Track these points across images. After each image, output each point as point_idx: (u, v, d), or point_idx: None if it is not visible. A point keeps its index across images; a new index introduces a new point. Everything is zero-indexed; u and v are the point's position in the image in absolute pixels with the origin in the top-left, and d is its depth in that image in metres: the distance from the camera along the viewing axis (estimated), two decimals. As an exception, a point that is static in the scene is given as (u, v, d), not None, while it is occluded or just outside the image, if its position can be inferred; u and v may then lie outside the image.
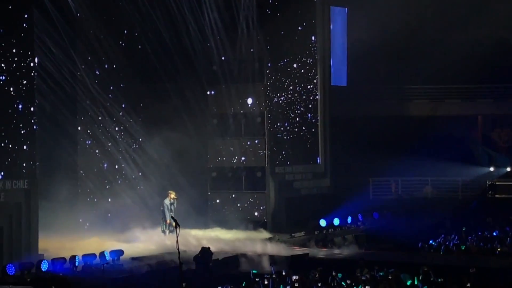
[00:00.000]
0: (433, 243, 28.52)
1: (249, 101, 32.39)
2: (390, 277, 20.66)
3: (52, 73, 27.77)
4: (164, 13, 30.79)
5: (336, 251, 27.92)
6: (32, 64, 24.37)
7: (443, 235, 29.50)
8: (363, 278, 20.52)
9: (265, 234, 29.87)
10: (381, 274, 21.35)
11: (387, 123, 37.79)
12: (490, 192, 37.37)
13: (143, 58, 30.88)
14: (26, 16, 24.16)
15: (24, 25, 24.12)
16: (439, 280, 20.27)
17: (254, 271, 23.66)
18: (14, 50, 23.74)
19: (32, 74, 24.43)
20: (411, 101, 40.14)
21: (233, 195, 32.66)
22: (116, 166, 30.63)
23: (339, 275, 21.11)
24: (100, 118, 29.93)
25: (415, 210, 34.37)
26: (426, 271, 21.08)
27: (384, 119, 38.12)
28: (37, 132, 24.69)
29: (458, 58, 37.17)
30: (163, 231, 28.16)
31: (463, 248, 27.62)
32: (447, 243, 28.43)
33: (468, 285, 19.38)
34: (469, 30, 38.01)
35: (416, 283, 20.20)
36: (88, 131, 29.88)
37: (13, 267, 22.08)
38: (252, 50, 32.20)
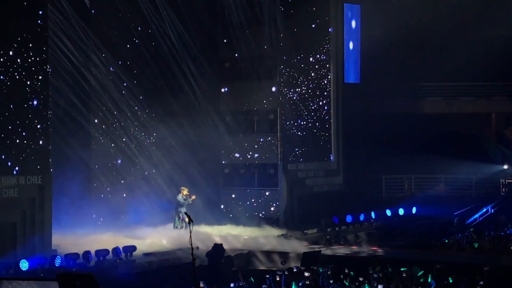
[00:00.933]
0: (446, 241, 28.46)
1: (260, 99, 32.38)
2: (404, 275, 20.65)
3: (66, 69, 27.85)
4: (177, 9, 30.82)
5: (349, 248, 27.88)
6: (46, 60, 24.46)
7: (458, 234, 29.44)
8: (375, 275, 20.49)
9: (277, 231, 29.87)
10: (389, 270, 21.34)
11: (400, 120, 37.72)
12: (503, 190, 37.27)
13: (157, 55, 30.92)
14: (40, 12, 24.28)
15: (39, 21, 24.23)
16: (450, 278, 20.22)
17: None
18: (29, 46, 23.86)
19: (47, 70, 24.53)
20: (425, 98, 40.05)
21: (246, 192, 32.68)
22: (130, 162, 30.70)
23: (351, 273, 21.11)
24: (114, 113, 30.01)
25: (428, 208, 34.27)
26: (439, 269, 21.06)
27: (397, 116, 38.04)
28: (51, 128, 24.80)
29: (472, 56, 37.05)
30: (176, 227, 28.22)
31: (476, 246, 27.54)
32: (459, 241, 28.36)
33: (481, 283, 19.33)
34: (483, 28, 37.86)
35: (429, 280, 20.15)
36: (103, 126, 29.96)
37: (27, 263, 22.17)
38: (265, 47, 32.21)
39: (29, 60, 23.88)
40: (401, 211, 33.95)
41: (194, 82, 31.75)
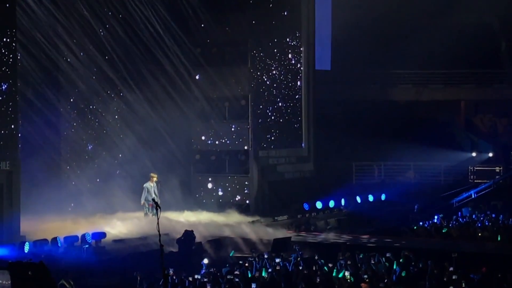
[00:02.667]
0: (414, 227, 28.66)
1: (231, 85, 32.28)
2: (372, 262, 20.77)
3: (35, 53, 27.57)
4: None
5: (319, 235, 27.98)
6: (14, 44, 24.19)
7: (425, 220, 29.66)
8: (343, 262, 20.60)
9: (247, 218, 29.88)
10: (360, 256, 21.46)
11: (371, 107, 37.91)
12: (471, 177, 37.60)
13: (127, 40, 30.69)
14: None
15: (7, 5, 23.94)
16: (420, 265, 20.38)
17: (231, 254, 23.80)
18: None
19: (16, 53, 24.26)
20: (395, 86, 40.26)
21: (217, 178, 32.68)
22: (100, 148, 30.53)
23: (321, 260, 21.21)
24: (84, 98, 29.80)
25: (398, 195, 34.49)
26: (407, 255, 21.21)
27: (368, 103, 38.23)
28: (20, 113, 24.57)
29: (442, 43, 37.31)
30: (146, 214, 28.12)
31: (444, 231, 27.76)
32: (427, 227, 28.58)
33: (451, 269, 19.49)
34: (453, 15, 38.09)
35: (394, 267, 20.29)
36: (74, 111, 29.75)
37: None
38: (236, 33, 32.11)
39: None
40: (370, 198, 34.13)
41: (166, 68, 31.60)
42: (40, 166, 27.73)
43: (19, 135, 24.40)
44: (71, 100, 29.67)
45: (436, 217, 29.95)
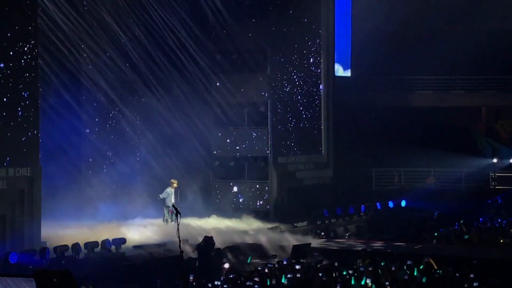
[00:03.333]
0: (435, 233, 28.52)
1: (250, 92, 32.29)
2: (393, 268, 20.68)
3: (56, 59, 27.70)
4: (169, 2, 30.75)
5: (338, 241, 27.91)
6: (36, 51, 24.32)
7: (447, 227, 29.50)
8: (362, 269, 20.52)
9: (266, 224, 29.86)
10: (382, 264, 21.37)
11: (390, 114, 37.76)
12: (492, 183, 37.37)
13: (148, 46, 30.76)
14: (28, 2, 24.12)
15: (29, 12, 24.09)
16: (439, 271, 20.26)
17: (249, 260, 23.75)
18: (18, 38, 23.68)
19: (37, 61, 24.38)
20: (415, 92, 40.08)
21: (236, 185, 32.67)
22: (121, 154, 30.62)
23: (342, 268, 21.13)
24: (104, 105, 29.91)
25: (418, 201, 34.35)
26: (427, 262, 21.10)
27: (387, 110, 38.08)
28: (40, 120, 24.69)
29: (463, 49, 37.13)
30: (165, 220, 28.18)
31: (466, 238, 27.61)
32: (449, 234, 28.43)
33: (471, 276, 19.37)
34: (474, 21, 37.92)
35: (415, 274, 20.19)
36: (92, 119, 29.85)
37: (15, 256, 22.09)
38: (256, 40, 32.15)
39: (19, 51, 23.73)
40: (390, 204, 34.01)
41: (186, 74, 31.66)
42: (60, 171, 27.81)
43: (40, 140, 24.48)
44: (93, 105, 29.77)
45: (456, 223, 29.79)
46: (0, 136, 23.40)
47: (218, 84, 32.88)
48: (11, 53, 23.54)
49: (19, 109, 23.84)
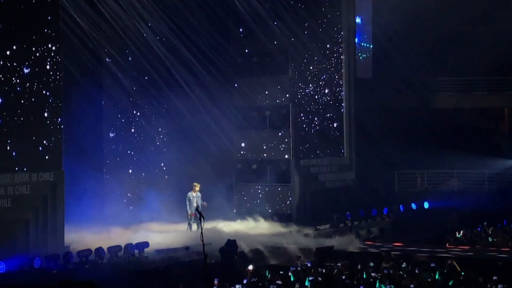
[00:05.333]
0: (458, 235, 28.37)
1: (272, 95, 32.31)
2: (416, 271, 20.59)
3: (78, 64, 27.83)
4: (189, 3, 30.80)
5: (362, 244, 27.81)
6: (58, 57, 24.47)
7: (470, 228, 29.33)
8: (386, 271, 20.45)
9: (289, 227, 29.82)
10: (405, 266, 21.29)
11: (412, 115, 37.61)
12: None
13: (169, 50, 30.85)
14: (51, 8, 24.28)
15: (49, 17, 24.24)
16: (462, 274, 20.15)
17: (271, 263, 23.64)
18: (40, 43, 23.85)
19: (59, 66, 24.53)
20: (437, 93, 39.87)
21: (258, 188, 32.64)
22: (142, 158, 30.71)
23: (366, 271, 21.07)
24: (126, 109, 30.01)
25: (441, 203, 34.19)
26: (450, 264, 21.00)
27: (409, 111, 37.93)
28: (63, 124, 24.82)
29: (485, 50, 36.90)
30: (189, 224, 28.20)
31: (490, 240, 27.44)
32: (472, 236, 28.27)
33: (495, 278, 19.25)
34: (495, 22, 37.67)
35: (437, 277, 20.09)
36: (114, 122, 29.95)
37: (39, 260, 22.19)
38: (276, 42, 32.15)
39: (40, 57, 23.87)
40: (413, 206, 33.88)
41: (207, 77, 31.71)
42: (83, 175, 27.92)
43: (62, 145, 24.60)
44: (116, 108, 29.86)
45: (480, 225, 29.61)
46: (23, 141, 23.55)
47: (239, 87, 32.89)
48: (34, 57, 23.70)
49: (42, 113, 23.99)
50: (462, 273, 20.18)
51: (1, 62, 22.95)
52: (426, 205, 34.37)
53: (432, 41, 38.25)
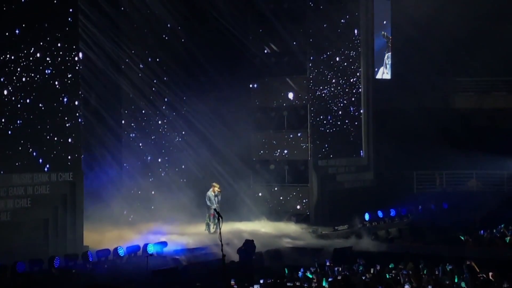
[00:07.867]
0: (477, 236, 28.23)
1: (290, 95, 32.37)
2: (436, 272, 20.52)
3: (96, 67, 27.96)
4: (207, 5, 30.87)
5: (380, 244, 27.75)
6: (76, 58, 24.65)
7: (489, 229, 29.18)
8: (405, 272, 20.40)
9: (307, 227, 29.80)
10: (424, 267, 21.22)
11: (431, 116, 37.42)
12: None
13: (186, 52, 30.95)
14: (71, 10, 24.44)
15: (69, 19, 24.38)
16: (482, 275, 20.03)
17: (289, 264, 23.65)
18: (59, 44, 24.05)
19: (77, 67, 24.70)
20: (456, 93, 39.69)
21: (276, 188, 32.65)
22: (159, 159, 30.80)
23: (384, 272, 21.02)
24: (143, 111, 30.12)
25: (460, 203, 34.03)
26: (469, 265, 20.88)
27: (428, 111, 37.74)
28: (82, 125, 24.97)
29: (505, 51, 36.67)
30: (207, 224, 28.24)
31: (507, 241, 27.29)
32: (491, 237, 28.12)
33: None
34: (514, 22, 37.47)
35: (457, 278, 20.00)
36: (132, 124, 30.07)
37: (59, 260, 22.31)
38: (294, 43, 32.16)
39: (59, 58, 24.03)
40: (432, 207, 33.75)
41: (224, 79, 31.76)
42: (102, 177, 28.06)
43: (80, 145, 24.75)
44: (132, 109, 29.96)
45: (499, 226, 29.45)
46: (43, 141, 23.72)
47: (257, 87, 32.93)
48: (55, 58, 23.87)
49: (61, 114, 24.14)
50: (481, 274, 20.06)
51: (24, 63, 23.13)
52: (445, 206, 34.21)
53: (452, 42, 38.06)
